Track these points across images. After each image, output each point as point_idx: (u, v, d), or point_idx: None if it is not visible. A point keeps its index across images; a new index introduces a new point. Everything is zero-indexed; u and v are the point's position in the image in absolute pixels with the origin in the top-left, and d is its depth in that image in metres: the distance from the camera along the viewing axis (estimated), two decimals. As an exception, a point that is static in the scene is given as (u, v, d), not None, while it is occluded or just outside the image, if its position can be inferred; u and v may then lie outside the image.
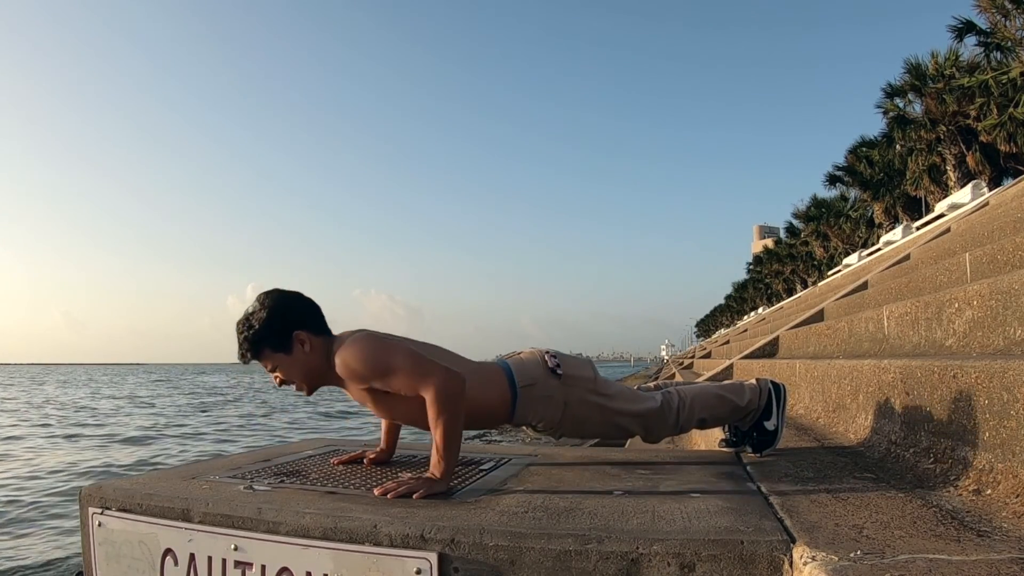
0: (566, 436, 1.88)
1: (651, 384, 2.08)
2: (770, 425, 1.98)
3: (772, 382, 2.00)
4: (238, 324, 1.71)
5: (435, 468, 1.56)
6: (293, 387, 1.75)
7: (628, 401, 1.89)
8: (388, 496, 1.51)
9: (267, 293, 1.74)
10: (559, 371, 1.80)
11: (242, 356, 1.71)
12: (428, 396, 1.58)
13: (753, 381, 2.02)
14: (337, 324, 1.79)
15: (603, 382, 1.87)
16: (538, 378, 1.79)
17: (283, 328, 1.68)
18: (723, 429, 2.16)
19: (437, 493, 1.52)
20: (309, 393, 1.77)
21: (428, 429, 1.62)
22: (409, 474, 1.66)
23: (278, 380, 1.73)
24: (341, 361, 1.65)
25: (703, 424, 2.00)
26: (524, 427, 1.87)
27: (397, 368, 1.62)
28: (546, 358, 1.82)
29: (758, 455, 1.99)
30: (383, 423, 2.02)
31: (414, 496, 1.49)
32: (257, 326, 1.68)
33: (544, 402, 1.79)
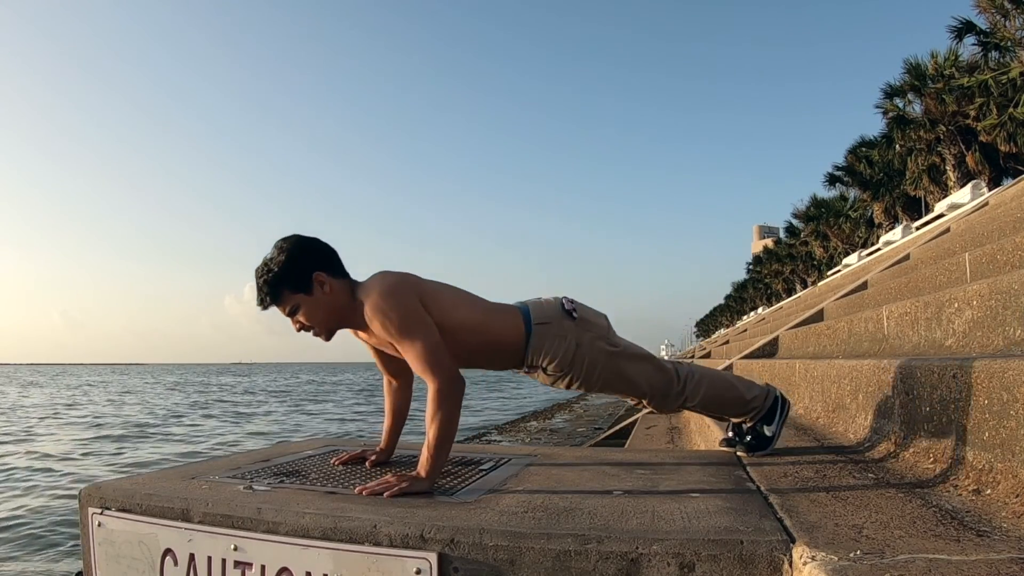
0: (574, 382, 1.86)
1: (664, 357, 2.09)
2: (769, 431, 1.99)
3: (781, 393, 2.03)
4: (257, 270, 1.70)
5: (422, 467, 1.58)
6: (311, 333, 1.75)
7: (638, 356, 1.91)
8: (364, 493, 1.53)
9: (285, 238, 1.74)
10: (575, 314, 1.84)
11: (261, 301, 1.70)
12: (431, 392, 1.60)
13: (764, 384, 2.05)
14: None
15: (615, 334, 1.91)
16: (553, 317, 1.82)
17: (303, 269, 1.69)
18: (723, 429, 2.16)
19: (420, 492, 1.53)
20: (327, 338, 1.78)
21: None
22: (396, 473, 1.66)
23: (297, 325, 1.74)
24: (373, 302, 1.65)
25: (706, 405, 2.00)
26: (535, 371, 1.86)
27: (414, 343, 1.62)
28: (564, 301, 1.86)
29: (751, 455, 1.99)
30: (384, 423, 2.02)
31: (386, 494, 1.50)
32: (276, 268, 1.68)
33: (557, 341, 1.81)
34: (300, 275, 1.69)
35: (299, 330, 1.74)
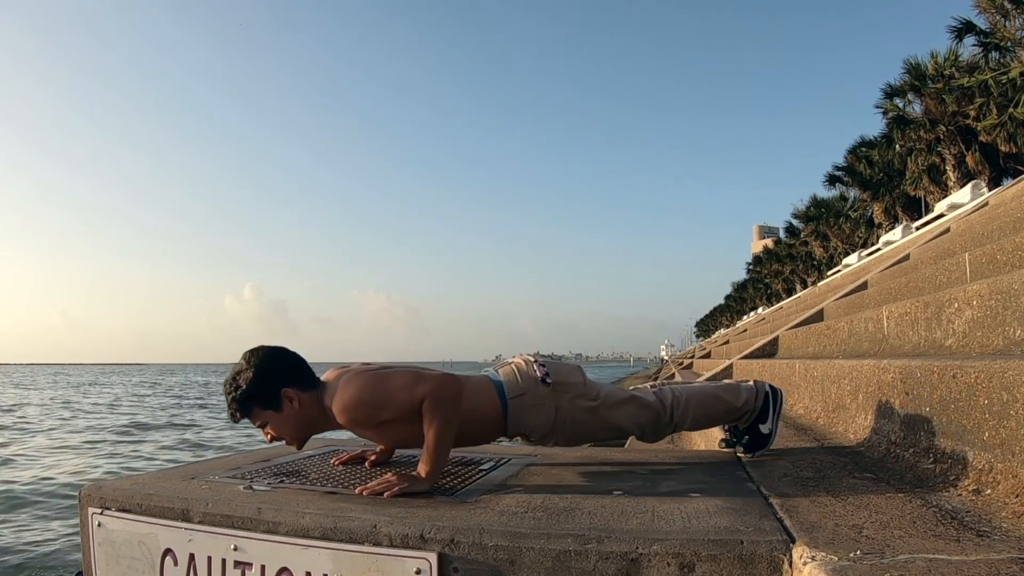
0: (559, 443, 1.88)
1: (648, 385, 2.08)
2: (765, 428, 1.99)
3: (770, 386, 2.00)
4: (225, 384, 1.71)
5: (421, 468, 1.58)
6: (283, 443, 1.77)
7: (619, 401, 1.89)
8: (364, 493, 1.53)
9: (252, 351, 1.74)
10: (548, 379, 1.81)
11: (232, 415, 1.71)
12: (427, 400, 1.59)
13: (750, 382, 2.03)
14: (336, 324, 1.78)
15: (592, 385, 1.88)
16: (527, 388, 1.80)
17: (271, 386, 1.68)
18: (722, 429, 2.16)
19: (419, 492, 1.53)
20: (299, 447, 1.79)
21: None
22: (396, 473, 1.66)
23: (269, 437, 1.74)
24: (341, 410, 1.65)
25: (698, 424, 2.00)
26: (519, 438, 1.88)
27: (395, 389, 1.63)
28: (535, 368, 1.83)
29: (750, 456, 1.99)
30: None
31: (386, 494, 1.50)
32: (244, 386, 1.68)
33: (535, 410, 1.80)
34: (269, 393, 1.69)
35: (271, 441, 1.76)
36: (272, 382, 1.69)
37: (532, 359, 1.86)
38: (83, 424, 16.71)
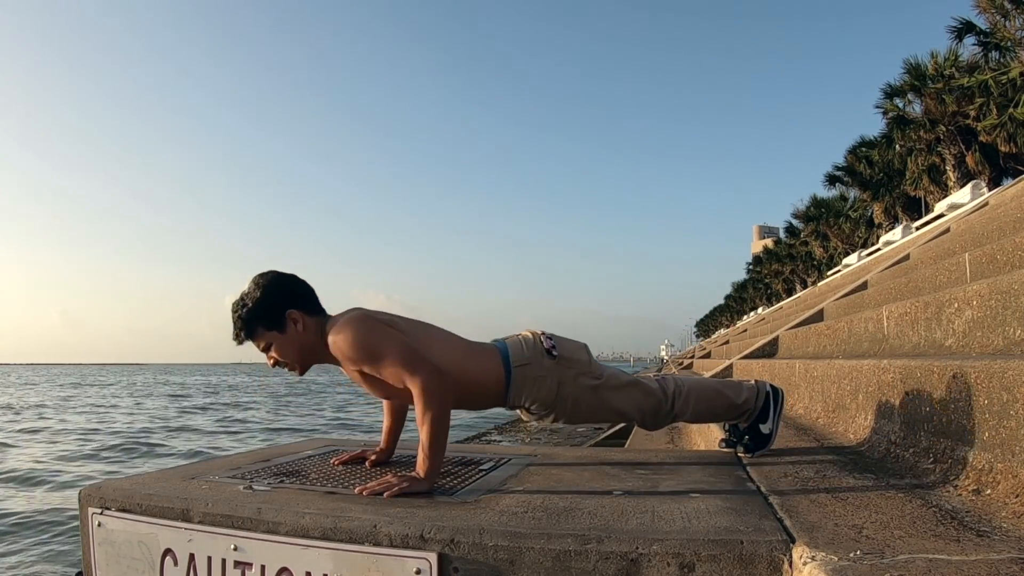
0: (559, 419, 1.87)
1: (651, 373, 2.08)
2: (765, 428, 1.98)
3: (771, 385, 2.00)
4: (233, 304, 1.74)
5: (419, 467, 1.58)
6: (286, 368, 1.77)
7: (623, 384, 1.89)
8: (364, 493, 1.53)
9: (262, 274, 1.77)
10: (554, 352, 1.81)
11: (236, 335, 1.74)
12: (415, 392, 1.60)
13: (751, 382, 2.03)
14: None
15: (597, 365, 1.88)
16: (532, 358, 1.80)
17: (276, 307, 1.72)
18: (722, 429, 2.16)
19: (419, 492, 1.53)
20: (301, 373, 1.80)
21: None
22: (395, 473, 1.67)
23: (272, 360, 1.76)
24: (333, 341, 1.69)
25: (698, 416, 2.00)
26: (518, 409, 1.88)
27: (386, 357, 1.64)
28: (542, 339, 1.84)
29: (750, 455, 1.99)
30: (384, 423, 2.03)
31: (386, 494, 1.50)
32: (251, 304, 1.71)
33: (538, 382, 1.80)
34: (274, 313, 1.71)
35: (273, 365, 1.77)
36: (278, 302, 1.72)
37: (540, 332, 1.87)
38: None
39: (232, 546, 1.40)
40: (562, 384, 1.81)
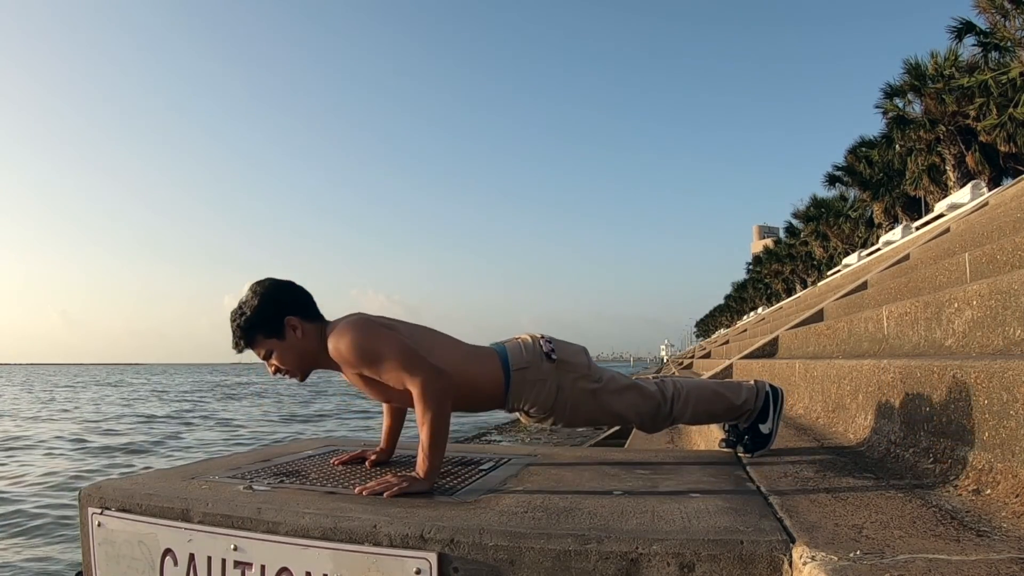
0: (558, 423, 1.87)
1: (650, 376, 2.08)
2: (765, 428, 1.99)
3: (770, 385, 2.00)
4: (232, 313, 1.73)
5: (419, 467, 1.58)
6: (287, 376, 1.77)
7: (622, 388, 1.89)
8: (364, 493, 1.53)
9: (259, 282, 1.77)
10: (553, 356, 1.81)
11: (236, 344, 1.73)
12: (415, 393, 1.60)
13: (751, 382, 2.03)
14: (335, 323, 1.78)
15: (596, 368, 1.89)
16: (532, 362, 1.80)
17: (275, 314, 1.71)
18: (722, 429, 2.16)
19: (419, 492, 1.53)
20: (302, 379, 1.80)
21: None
22: (395, 473, 1.67)
23: (272, 368, 1.75)
24: (333, 346, 1.69)
25: (697, 418, 2.00)
26: (518, 412, 1.88)
27: (386, 360, 1.64)
28: (541, 343, 1.84)
29: (750, 455, 1.99)
30: (384, 423, 2.03)
31: (386, 494, 1.50)
32: (249, 313, 1.70)
33: (537, 386, 1.80)
34: (273, 320, 1.71)
35: (274, 373, 1.77)
36: (277, 310, 1.71)
37: (539, 336, 1.87)
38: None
39: (232, 546, 1.40)
40: (561, 388, 1.81)
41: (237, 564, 1.39)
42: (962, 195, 11.32)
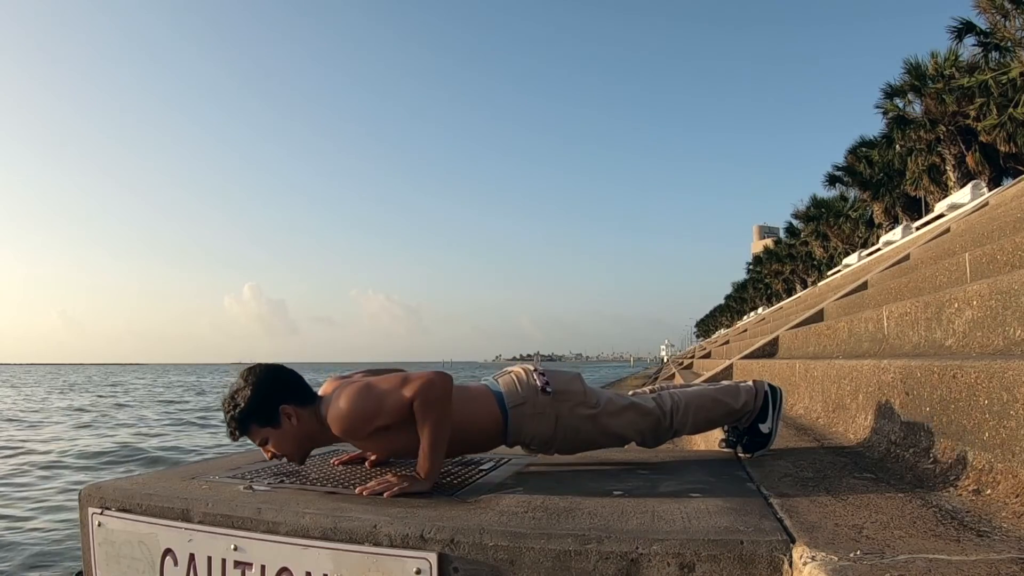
0: (560, 452, 1.89)
1: (646, 388, 2.07)
2: (765, 428, 1.98)
3: (769, 385, 2.00)
4: (224, 402, 1.71)
5: (420, 468, 1.59)
6: (284, 460, 1.77)
7: (620, 408, 1.88)
8: (364, 493, 1.53)
9: (250, 370, 1.75)
10: (548, 388, 1.81)
11: (231, 434, 1.71)
12: (415, 395, 1.60)
13: (749, 383, 2.02)
14: (336, 324, 1.77)
15: (592, 393, 1.87)
16: (527, 397, 1.80)
17: (268, 402, 1.69)
18: (722, 429, 2.16)
19: (419, 492, 1.53)
20: (300, 463, 1.80)
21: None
22: (395, 473, 1.67)
23: (269, 454, 1.74)
24: (335, 421, 1.66)
25: (697, 428, 2.01)
26: (519, 447, 1.89)
27: (383, 393, 1.63)
28: (535, 376, 1.83)
29: (750, 455, 1.99)
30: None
31: (386, 494, 1.50)
32: (243, 404, 1.68)
33: (536, 420, 1.80)
34: (267, 409, 1.69)
35: (271, 458, 1.76)
36: (270, 399, 1.69)
37: (532, 368, 1.86)
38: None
39: (232, 546, 1.40)
40: (560, 417, 1.81)
41: (237, 564, 1.39)
42: (962, 195, 11.31)
